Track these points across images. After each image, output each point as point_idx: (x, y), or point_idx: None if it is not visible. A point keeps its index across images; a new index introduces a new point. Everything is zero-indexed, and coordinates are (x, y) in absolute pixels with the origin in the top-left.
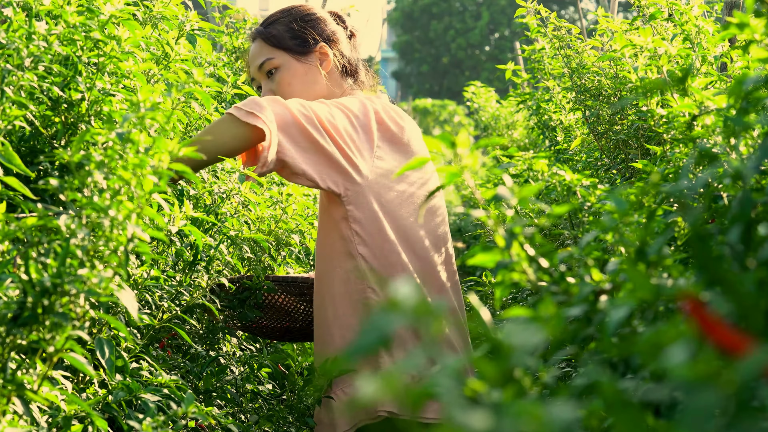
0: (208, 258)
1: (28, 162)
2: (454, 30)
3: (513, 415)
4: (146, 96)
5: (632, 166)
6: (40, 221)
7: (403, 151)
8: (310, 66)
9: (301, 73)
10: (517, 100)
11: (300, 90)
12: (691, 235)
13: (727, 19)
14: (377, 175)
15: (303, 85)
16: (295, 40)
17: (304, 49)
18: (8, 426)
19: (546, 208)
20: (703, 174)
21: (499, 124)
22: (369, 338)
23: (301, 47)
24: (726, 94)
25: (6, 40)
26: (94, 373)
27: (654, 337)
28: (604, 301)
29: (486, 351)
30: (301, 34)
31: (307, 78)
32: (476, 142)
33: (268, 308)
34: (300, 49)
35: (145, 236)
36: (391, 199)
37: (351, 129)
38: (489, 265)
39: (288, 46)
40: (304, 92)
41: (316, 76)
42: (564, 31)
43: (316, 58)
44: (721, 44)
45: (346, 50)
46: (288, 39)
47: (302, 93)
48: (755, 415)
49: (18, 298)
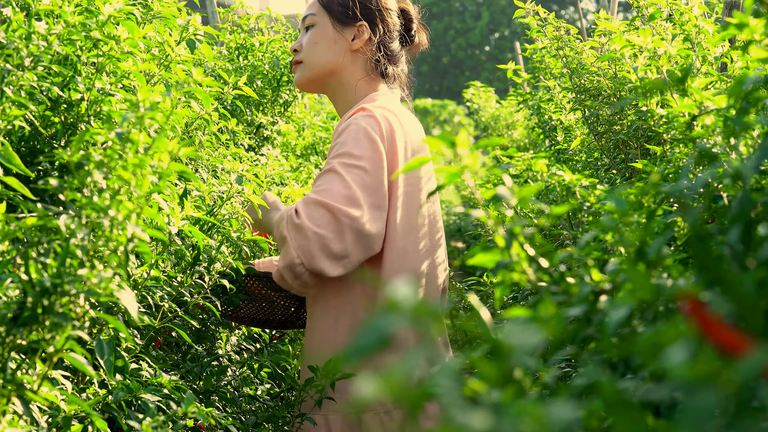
0: (209, 258)
1: (27, 162)
2: (454, 30)
3: (513, 415)
4: (145, 96)
5: (632, 166)
6: (39, 221)
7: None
8: (342, 37)
9: (331, 39)
10: (517, 100)
11: (321, 53)
12: (691, 235)
13: (726, 19)
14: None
15: (327, 50)
16: (341, 7)
17: (345, 18)
18: (8, 426)
19: (545, 209)
20: (703, 174)
21: (499, 124)
22: (369, 339)
23: (343, 16)
24: (726, 94)
25: (6, 39)
26: (94, 373)
27: (654, 337)
28: (604, 301)
29: (486, 351)
30: (348, 5)
31: (334, 46)
32: (476, 142)
33: (252, 299)
34: (340, 17)
35: (145, 236)
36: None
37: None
38: (489, 265)
39: (332, 9)
40: (323, 56)
41: (343, 47)
42: (563, 32)
43: (352, 33)
44: (721, 44)
45: (390, 45)
46: (335, 3)
47: (321, 56)
48: (755, 415)
49: (18, 298)
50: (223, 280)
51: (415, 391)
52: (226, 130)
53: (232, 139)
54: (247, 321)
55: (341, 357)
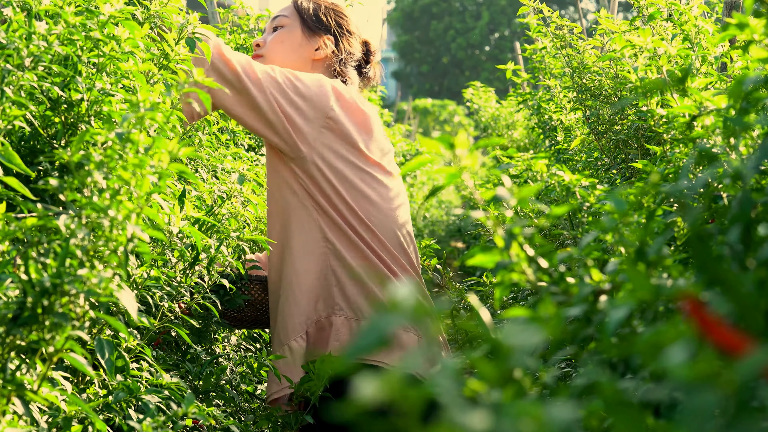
0: (209, 258)
1: (28, 162)
2: (454, 30)
3: (513, 415)
4: (146, 96)
5: (632, 166)
6: (39, 221)
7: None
8: (308, 44)
9: (296, 43)
10: (517, 100)
11: (283, 53)
12: (691, 235)
13: (726, 19)
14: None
15: (290, 52)
16: (314, 16)
17: (315, 28)
18: (8, 426)
19: (545, 209)
20: (703, 174)
21: (499, 124)
22: (369, 339)
23: (313, 24)
24: (726, 95)
25: (6, 40)
26: (94, 373)
27: (654, 337)
28: (603, 301)
29: (486, 351)
30: (321, 16)
31: (298, 49)
32: (476, 143)
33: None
34: (311, 25)
35: (145, 236)
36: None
37: (297, 95)
38: (489, 266)
39: (305, 16)
40: (285, 57)
41: (306, 54)
42: (566, 30)
43: (317, 44)
44: (721, 44)
45: (348, 65)
46: (310, 11)
47: (283, 56)
48: (755, 415)
49: (18, 298)
50: (223, 279)
51: (415, 391)
52: (226, 130)
53: (232, 139)
54: (238, 322)
55: (341, 357)
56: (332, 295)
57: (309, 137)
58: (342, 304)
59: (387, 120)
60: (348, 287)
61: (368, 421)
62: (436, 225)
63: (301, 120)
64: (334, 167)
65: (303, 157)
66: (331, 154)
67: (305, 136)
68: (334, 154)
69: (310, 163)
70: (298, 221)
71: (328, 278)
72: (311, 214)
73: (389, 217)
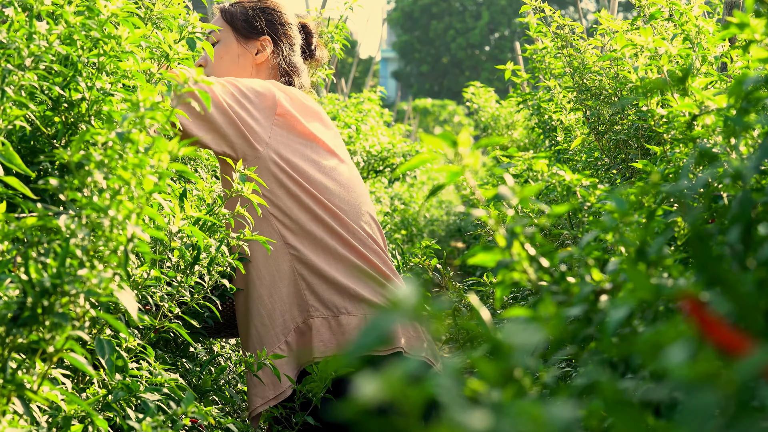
0: (209, 258)
1: (28, 162)
2: (454, 30)
3: (513, 415)
4: (146, 96)
5: (632, 166)
6: (40, 221)
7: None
8: (247, 51)
9: (235, 54)
10: (517, 100)
11: (227, 68)
12: (691, 235)
13: (727, 19)
14: (279, 136)
15: (232, 64)
16: (244, 23)
17: (249, 33)
18: (8, 426)
19: (546, 208)
20: (703, 174)
21: (499, 124)
22: (369, 338)
23: (246, 31)
24: (726, 94)
25: (7, 39)
26: (94, 372)
27: (654, 337)
28: (604, 301)
29: (486, 351)
30: (251, 20)
31: (238, 60)
32: (476, 142)
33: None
34: (244, 32)
35: (145, 236)
36: (298, 161)
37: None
38: (489, 265)
39: (236, 25)
40: (230, 71)
41: (247, 62)
42: (567, 30)
43: (256, 47)
44: (721, 44)
45: (292, 58)
46: (239, 19)
47: (229, 71)
48: (755, 415)
49: (18, 298)
50: (223, 280)
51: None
52: None
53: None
54: (215, 332)
55: (341, 357)
56: (305, 299)
57: (263, 135)
58: (316, 305)
59: (387, 120)
60: (318, 287)
61: (368, 421)
62: (436, 225)
63: (253, 121)
64: (291, 162)
65: (259, 156)
66: (287, 149)
67: (259, 135)
68: (289, 149)
69: (268, 160)
70: (259, 233)
71: (298, 283)
72: (271, 223)
73: (352, 201)
